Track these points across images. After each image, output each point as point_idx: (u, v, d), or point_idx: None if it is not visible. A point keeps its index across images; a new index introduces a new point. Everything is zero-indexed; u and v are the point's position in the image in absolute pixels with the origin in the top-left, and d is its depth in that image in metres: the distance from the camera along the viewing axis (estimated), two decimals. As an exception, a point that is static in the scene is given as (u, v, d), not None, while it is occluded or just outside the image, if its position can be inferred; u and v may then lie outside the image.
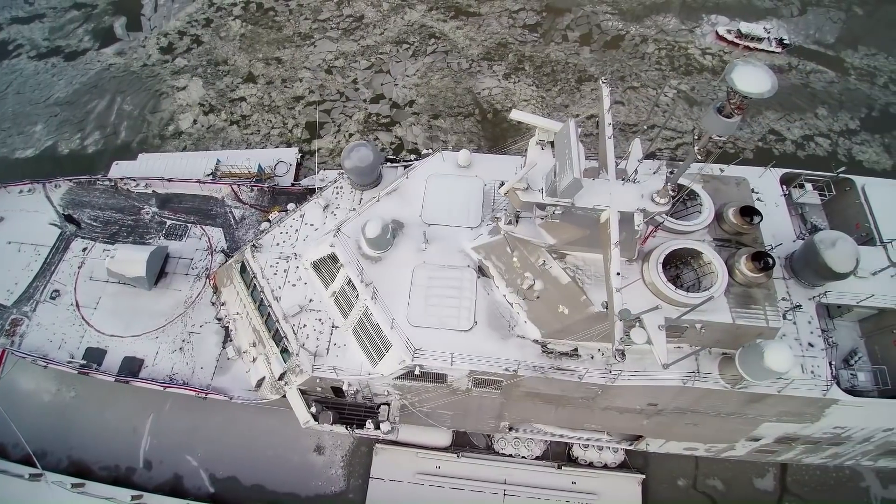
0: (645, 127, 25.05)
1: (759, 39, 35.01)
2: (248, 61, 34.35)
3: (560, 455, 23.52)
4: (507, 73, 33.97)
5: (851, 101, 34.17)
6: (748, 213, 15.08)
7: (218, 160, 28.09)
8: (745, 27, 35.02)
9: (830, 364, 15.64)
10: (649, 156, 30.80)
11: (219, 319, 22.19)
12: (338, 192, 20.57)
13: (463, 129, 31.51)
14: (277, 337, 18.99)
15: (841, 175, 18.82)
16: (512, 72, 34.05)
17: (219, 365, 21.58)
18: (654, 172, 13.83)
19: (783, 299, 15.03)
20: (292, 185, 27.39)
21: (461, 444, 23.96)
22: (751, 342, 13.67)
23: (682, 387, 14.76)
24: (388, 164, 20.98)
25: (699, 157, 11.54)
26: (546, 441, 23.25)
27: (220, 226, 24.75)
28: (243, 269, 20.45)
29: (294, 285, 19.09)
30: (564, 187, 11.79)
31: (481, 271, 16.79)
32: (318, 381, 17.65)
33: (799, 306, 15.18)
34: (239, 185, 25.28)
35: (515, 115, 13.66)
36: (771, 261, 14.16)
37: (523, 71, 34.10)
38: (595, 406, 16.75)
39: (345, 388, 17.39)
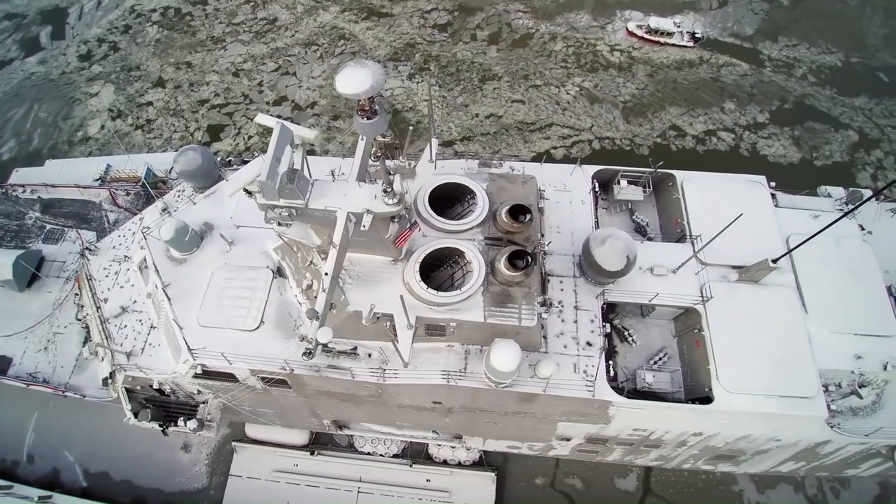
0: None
1: (670, 34, 34.44)
2: (159, 66, 35.10)
3: (419, 453, 23.65)
4: (412, 73, 34.07)
5: (763, 94, 33.42)
6: (518, 212, 15.00)
7: (108, 165, 28.79)
8: (654, 22, 34.49)
9: (609, 364, 15.52)
10: (540, 155, 30.70)
11: (79, 319, 22.89)
12: (178, 196, 21.01)
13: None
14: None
15: (661, 171, 18.53)
16: (417, 72, 34.15)
17: (77, 364, 22.22)
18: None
19: (541, 300, 14.79)
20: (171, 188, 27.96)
21: (324, 442, 24.28)
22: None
23: (447, 385, 14.77)
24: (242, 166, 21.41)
25: (374, 158, 11.58)
26: (406, 440, 23.38)
27: (94, 229, 25.46)
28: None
29: (122, 287, 19.62)
30: (259, 189, 11.97)
31: (280, 272, 17.03)
32: (131, 379, 18.13)
33: (551, 304, 15.03)
34: (115, 189, 25.93)
35: (260, 118, 13.84)
36: (529, 260, 14.12)
37: (428, 71, 34.16)
38: (389, 404, 16.87)
39: (156, 386, 17.80)
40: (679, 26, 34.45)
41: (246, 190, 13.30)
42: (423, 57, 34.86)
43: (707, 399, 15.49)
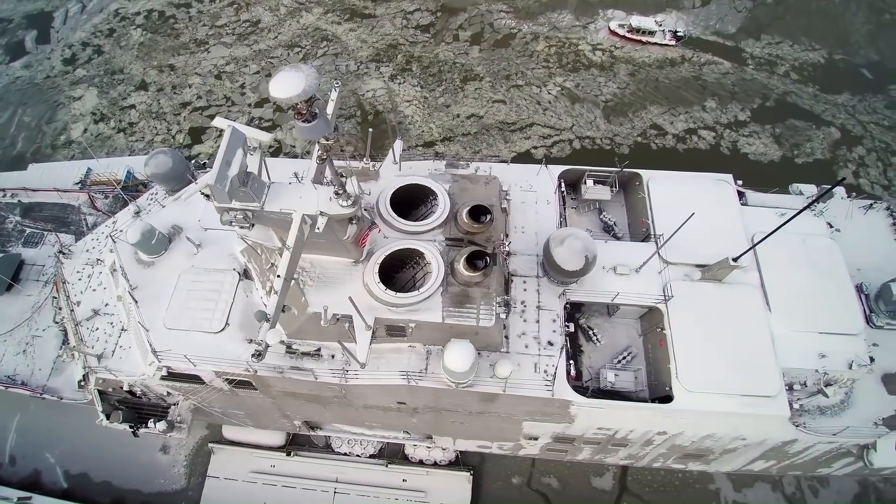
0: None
1: (652, 33, 34.44)
2: (142, 69, 35.23)
3: (396, 453, 23.72)
4: (394, 74, 34.14)
5: (745, 92, 33.41)
6: (478, 212, 15.07)
7: (88, 168, 28.95)
8: (636, 21, 34.49)
9: (571, 362, 15.59)
10: (521, 155, 30.78)
11: (56, 322, 23.05)
12: (152, 199, 21.12)
13: (342, 130, 31.80)
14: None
15: (627, 170, 18.57)
16: (399, 73, 34.22)
17: (55, 366, 22.41)
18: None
19: (500, 301, 14.78)
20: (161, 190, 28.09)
21: (301, 443, 24.38)
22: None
23: (408, 385, 14.85)
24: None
25: (318, 161, 11.66)
26: (381, 440, 23.47)
27: (73, 233, 25.64)
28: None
29: (94, 290, 19.73)
30: (210, 191, 12.06)
31: (246, 274, 17.12)
32: (102, 381, 18.24)
33: (507, 304, 15.06)
34: (94, 192, 26.08)
35: (216, 122, 13.91)
36: (488, 260, 14.19)
37: (410, 72, 34.23)
38: (355, 404, 16.96)
39: (126, 388, 17.92)
40: (661, 25, 34.45)
41: (204, 193, 13.43)
42: (405, 58, 34.93)
43: (668, 398, 15.55)
